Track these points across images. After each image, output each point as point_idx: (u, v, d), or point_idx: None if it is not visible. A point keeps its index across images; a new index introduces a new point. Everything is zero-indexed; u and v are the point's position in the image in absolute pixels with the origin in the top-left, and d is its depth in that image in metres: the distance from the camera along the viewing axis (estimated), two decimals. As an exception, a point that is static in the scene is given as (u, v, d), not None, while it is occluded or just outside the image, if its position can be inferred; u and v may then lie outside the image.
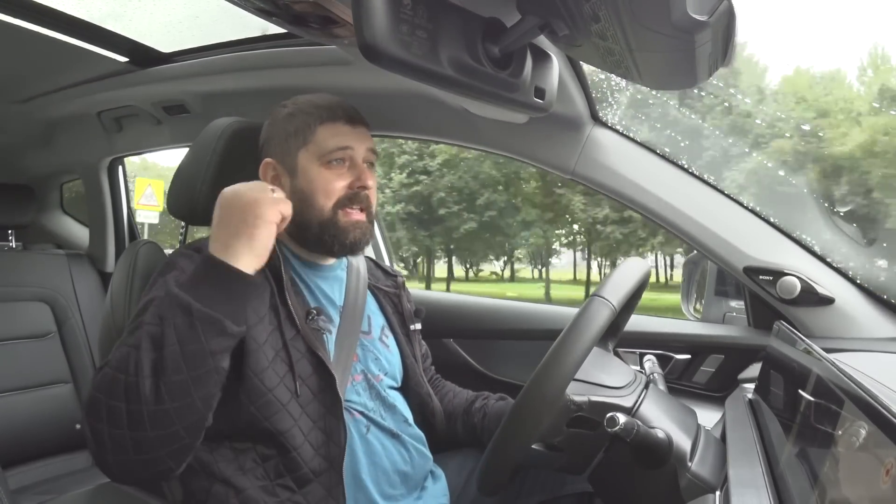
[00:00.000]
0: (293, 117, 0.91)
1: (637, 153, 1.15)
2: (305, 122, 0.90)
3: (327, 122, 0.89)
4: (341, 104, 0.92)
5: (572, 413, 0.77)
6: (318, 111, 0.90)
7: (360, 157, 0.90)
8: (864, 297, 1.06)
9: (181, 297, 0.70)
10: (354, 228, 0.89)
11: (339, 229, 0.88)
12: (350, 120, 0.90)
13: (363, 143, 0.91)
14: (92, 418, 0.69)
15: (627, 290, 0.76)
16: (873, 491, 0.40)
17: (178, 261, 0.85)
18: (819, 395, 0.58)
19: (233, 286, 0.72)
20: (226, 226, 0.74)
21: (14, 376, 1.59)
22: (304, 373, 0.83)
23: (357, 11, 0.51)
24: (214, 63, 1.35)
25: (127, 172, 2.03)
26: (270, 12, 0.83)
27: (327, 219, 0.88)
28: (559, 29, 0.58)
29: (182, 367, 0.68)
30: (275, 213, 0.75)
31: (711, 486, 0.71)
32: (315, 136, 0.89)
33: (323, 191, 0.88)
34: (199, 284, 0.72)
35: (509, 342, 1.43)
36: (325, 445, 0.82)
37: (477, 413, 1.02)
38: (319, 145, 0.89)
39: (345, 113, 0.90)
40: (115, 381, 0.69)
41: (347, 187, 0.89)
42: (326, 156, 0.88)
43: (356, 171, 0.89)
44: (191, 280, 0.72)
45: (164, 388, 0.68)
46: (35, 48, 1.33)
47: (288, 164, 0.90)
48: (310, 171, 0.89)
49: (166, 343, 0.68)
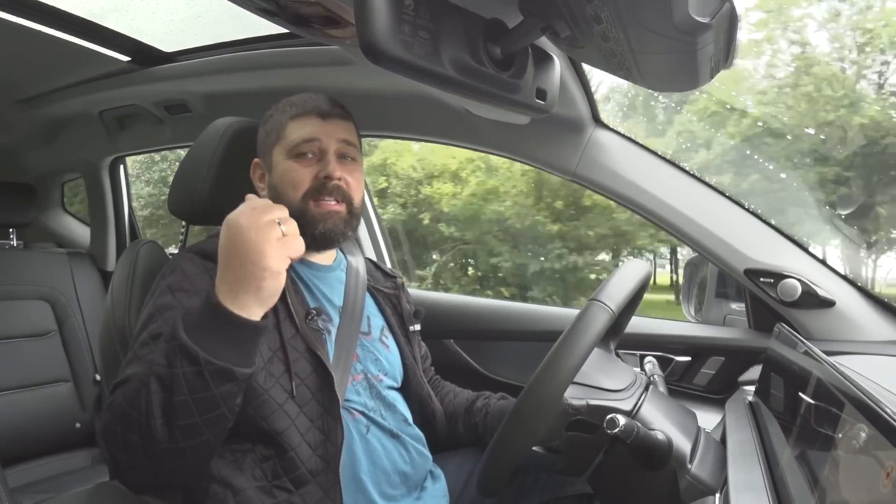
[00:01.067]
0: (271, 117, 0.94)
1: (638, 155, 1.15)
2: (278, 120, 0.92)
3: (297, 117, 0.91)
4: (317, 99, 0.92)
5: (571, 417, 0.76)
6: (291, 108, 0.92)
7: (331, 148, 0.90)
8: (864, 300, 1.06)
9: (188, 348, 0.68)
10: (325, 219, 0.89)
11: (308, 219, 0.88)
12: (321, 114, 0.91)
13: (333, 134, 0.90)
14: (109, 444, 0.71)
15: (626, 294, 0.76)
16: (873, 494, 0.40)
17: (182, 265, 0.85)
18: (819, 398, 0.58)
19: (241, 335, 0.70)
20: (232, 269, 0.70)
21: (14, 374, 1.59)
22: (303, 372, 0.83)
23: (359, 12, 0.51)
24: (216, 63, 1.36)
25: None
26: (272, 12, 0.83)
27: (298, 209, 0.88)
28: (561, 30, 0.58)
29: (193, 412, 0.68)
30: (281, 260, 0.71)
31: (711, 488, 0.71)
32: (285, 132, 0.91)
33: (291, 183, 0.89)
34: (206, 333, 0.69)
35: (509, 343, 1.43)
36: (323, 445, 0.82)
37: (478, 413, 1.02)
38: (288, 139, 0.90)
39: (315, 107, 0.91)
40: (127, 415, 0.69)
41: (314, 178, 0.89)
42: (294, 149, 0.90)
43: (323, 163, 0.89)
44: (197, 327, 0.70)
45: (176, 430, 0.68)
46: (37, 47, 1.33)
47: (267, 161, 0.93)
48: (280, 166, 0.90)
49: (175, 390, 0.67)
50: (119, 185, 1.97)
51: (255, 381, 0.80)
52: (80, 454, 1.69)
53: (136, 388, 0.69)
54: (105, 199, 1.94)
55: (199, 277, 0.83)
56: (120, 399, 0.71)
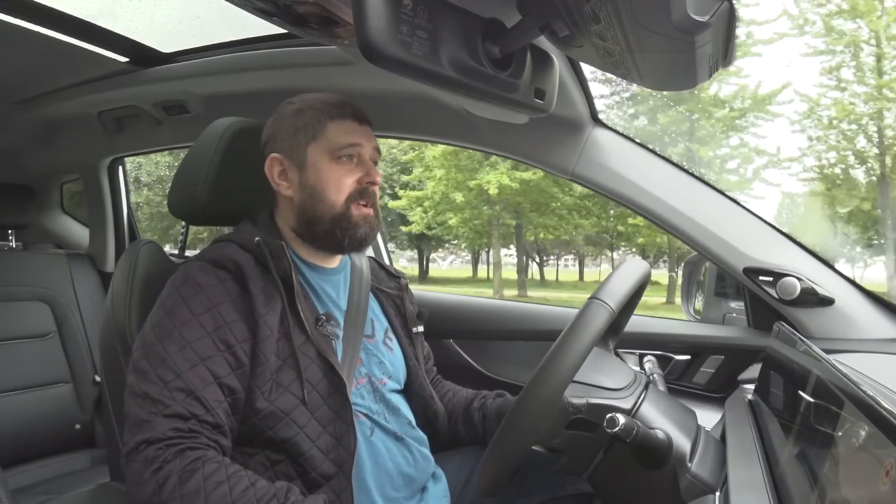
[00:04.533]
0: (302, 113, 0.91)
1: (637, 154, 1.15)
2: (315, 118, 0.90)
3: (337, 118, 0.90)
4: (349, 102, 0.93)
5: (571, 415, 0.76)
6: (327, 108, 0.91)
7: (368, 154, 0.91)
8: (864, 298, 1.06)
9: None
10: (365, 223, 0.90)
11: (350, 223, 0.89)
12: (358, 118, 0.91)
13: (370, 141, 0.92)
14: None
15: (626, 292, 0.76)
16: (873, 492, 0.40)
17: (195, 275, 0.83)
18: (819, 396, 0.58)
19: None
20: None
21: (14, 376, 1.59)
22: (314, 378, 0.83)
23: (357, 12, 0.51)
24: (215, 63, 1.35)
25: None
26: (271, 13, 0.83)
27: (340, 213, 0.89)
28: (559, 30, 0.58)
29: None
30: None
31: (711, 486, 0.71)
32: (325, 132, 0.90)
33: (335, 185, 0.89)
34: None
35: (509, 343, 1.43)
36: (335, 450, 0.82)
37: (476, 413, 1.02)
38: (330, 140, 0.89)
39: (353, 111, 0.92)
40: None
41: (357, 182, 0.90)
42: (337, 151, 0.89)
43: (365, 167, 0.90)
44: None
45: None
46: (36, 48, 1.33)
47: (297, 158, 0.91)
48: (320, 166, 0.89)
49: None
50: (118, 186, 1.97)
51: (260, 393, 0.80)
52: (80, 455, 1.69)
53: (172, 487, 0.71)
54: (104, 200, 1.93)
55: (214, 289, 0.82)
56: (151, 481, 0.72)
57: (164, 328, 0.79)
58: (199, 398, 0.75)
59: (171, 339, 0.78)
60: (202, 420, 0.75)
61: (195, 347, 0.78)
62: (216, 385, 0.77)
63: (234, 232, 0.94)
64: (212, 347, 0.78)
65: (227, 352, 0.79)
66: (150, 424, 0.74)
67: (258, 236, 0.87)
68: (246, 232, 0.90)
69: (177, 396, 0.75)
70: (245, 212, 0.97)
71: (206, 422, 0.76)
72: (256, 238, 0.87)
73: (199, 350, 0.78)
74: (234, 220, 0.98)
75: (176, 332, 0.78)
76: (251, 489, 0.72)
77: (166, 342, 0.78)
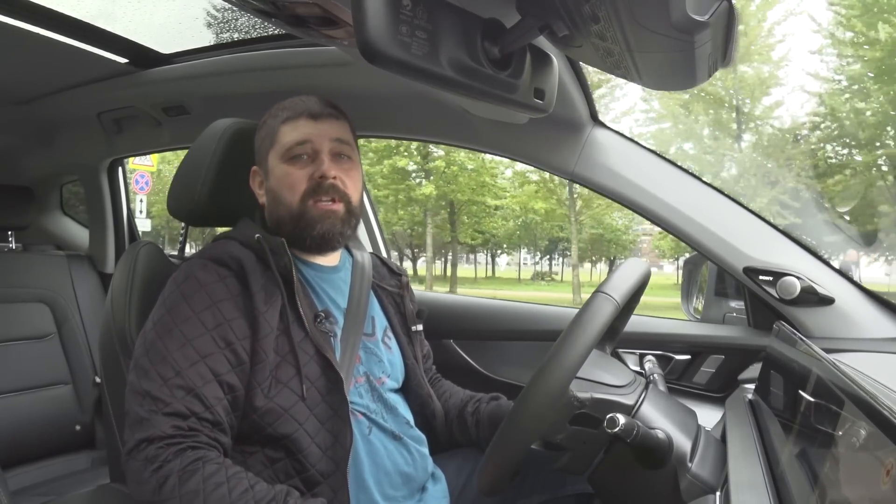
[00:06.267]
0: (265, 123, 0.94)
1: (637, 154, 1.15)
2: (271, 126, 0.92)
3: (288, 120, 0.91)
4: (307, 101, 0.92)
5: (576, 409, 0.76)
6: (282, 112, 0.92)
7: (325, 148, 0.90)
8: (864, 298, 1.06)
9: None
10: (323, 218, 0.89)
11: (308, 221, 0.88)
12: (312, 115, 0.90)
13: (326, 134, 0.90)
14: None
15: (629, 287, 0.76)
16: (873, 491, 0.40)
17: (196, 272, 0.84)
18: (819, 396, 0.58)
19: None
20: None
21: (14, 377, 1.59)
22: (313, 375, 0.83)
23: (356, 12, 0.51)
24: (214, 64, 1.35)
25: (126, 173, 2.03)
26: (269, 13, 0.83)
27: (297, 212, 0.89)
28: (559, 30, 0.58)
29: None
30: None
31: (711, 486, 0.71)
32: (278, 136, 0.91)
33: (287, 186, 0.89)
34: None
35: (509, 343, 1.43)
36: (332, 448, 0.82)
37: (470, 417, 1.02)
38: (282, 143, 0.90)
39: (306, 109, 0.91)
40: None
41: (309, 179, 0.89)
42: (287, 152, 0.90)
43: (318, 163, 0.89)
44: None
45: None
46: (35, 50, 1.33)
47: (264, 168, 0.93)
48: (276, 170, 0.91)
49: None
50: (118, 187, 1.97)
51: (261, 389, 0.80)
52: (80, 456, 1.68)
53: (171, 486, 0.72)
54: (104, 201, 1.93)
55: (215, 287, 0.82)
56: (152, 480, 0.72)
57: (164, 325, 0.80)
58: (198, 395, 0.76)
59: (172, 336, 0.78)
60: (201, 418, 0.75)
61: (195, 345, 0.78)
62: (216, 382, 0.77)
63: (234, 229, 0.94)
64: (212, 345, 0.79)
65: (227, 349, 0.79)
66: (150, 422, 0.74)
67: (258, 233, 0.87)
68: (246, 229, 0.91)
69: (176, 394, 0.75)
70: (244, 213, 0.97)
71: (205, 419, 0.76)
72: (257, 235, 0.87)
73: (200, 347, 0.78)
74: (233, 221, 0.98)
75: (176, 329, 0.79)
76: (250, 491, 0.72)
77: (167, 339, 0.78)
